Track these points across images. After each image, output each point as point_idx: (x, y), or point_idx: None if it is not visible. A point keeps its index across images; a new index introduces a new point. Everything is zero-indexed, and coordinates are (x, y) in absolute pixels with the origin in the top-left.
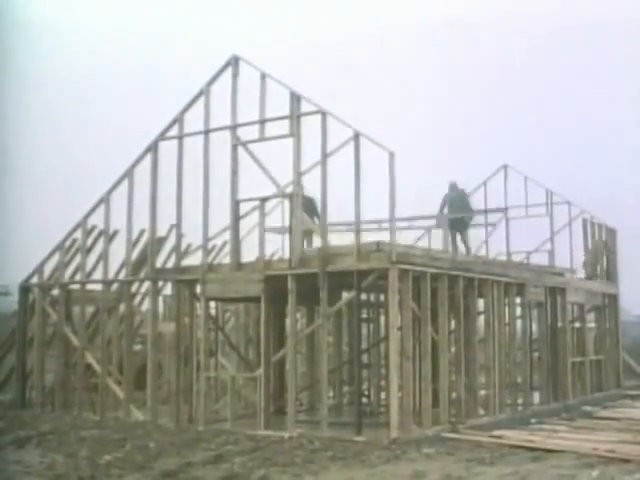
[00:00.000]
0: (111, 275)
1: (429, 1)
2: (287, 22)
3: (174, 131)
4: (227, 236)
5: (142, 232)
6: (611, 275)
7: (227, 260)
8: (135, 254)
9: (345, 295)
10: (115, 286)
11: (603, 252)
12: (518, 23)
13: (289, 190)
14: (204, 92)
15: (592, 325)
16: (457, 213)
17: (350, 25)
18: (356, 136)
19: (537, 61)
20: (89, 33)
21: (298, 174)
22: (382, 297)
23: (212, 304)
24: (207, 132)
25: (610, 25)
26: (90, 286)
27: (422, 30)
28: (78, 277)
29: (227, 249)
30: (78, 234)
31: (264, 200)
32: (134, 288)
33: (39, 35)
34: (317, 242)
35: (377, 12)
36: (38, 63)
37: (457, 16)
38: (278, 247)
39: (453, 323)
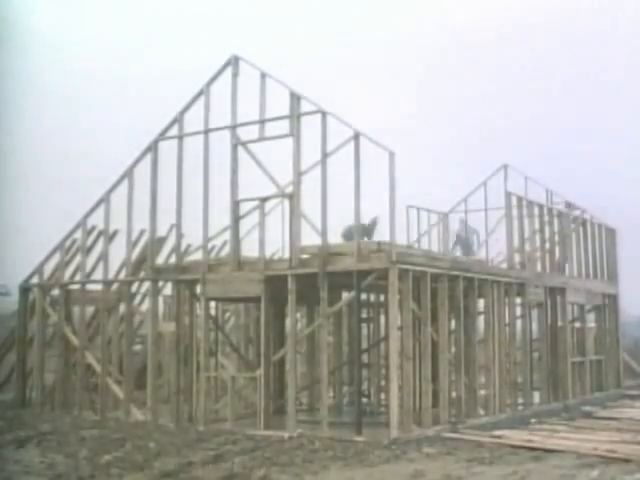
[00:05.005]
0: (111, 275)
1: (430, 5)
2: (293, 22)
3: (174, 131)
4: (227, 236)
5: (142, 232)
6: (611, 275)
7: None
8: (135, 254)
9: (345, 295)
10: (115, 286)
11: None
12: (520, 24)
13: (289, 190)
14: (204, 92)
15: (592, 325)
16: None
17: (352, 26)
18: (356, 136)
19: (538, 61)
20: (88, 33)
21: (298, 174)
22: (382, 297)
23: (212, 304)
24: (207, 132)
25: (613, 26)
26: (90, 286)
27: (423, 31)
28: (78, 277)
29: (227, 249)
30: (78, 234)
31: (264, 200)
32: (134, 288)
33: (38, 35)
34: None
35: (378, 14)
36: (37, 62)
37: (458, 18)
38: (278, 247)
39: (453, 323)
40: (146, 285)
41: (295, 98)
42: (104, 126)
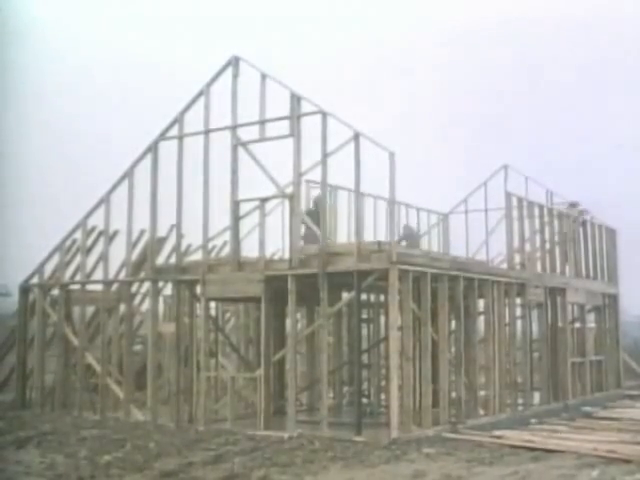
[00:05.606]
0: (111, 275)
1: (430, 5)
2: (293, 22)
3: (174, 131)
4: (227, 236)
5: (142, 232)
6: (611, 275)
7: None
8: (135, 254)
9: (345, 295)
10: (115, 286)
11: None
12: (520, 25)
13: (289, 190)
14: (204, 92)
15: (592, 325)
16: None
17: (352, 27)
18: (356, 136)
19: (538, 61)
20: (88, 32)
21: (298, 174)
22: (382, 297)
23: (212, 304)
24: (207, 132)
25: (613, 25)
26: (90, 286)
27: (423, 31)
28: (78, 277)
29: (227, 249)
30: (78, 234)
31: (264, 200)
32: (134, 288)
33: (37, 34)
34: None
35: (378, 15)
36: (37, 62)
37: (458, 18)
38: (279, 247)
39: (453, 323)
40: (146, 285)
41: (295, 99)
42: (104, 126)
